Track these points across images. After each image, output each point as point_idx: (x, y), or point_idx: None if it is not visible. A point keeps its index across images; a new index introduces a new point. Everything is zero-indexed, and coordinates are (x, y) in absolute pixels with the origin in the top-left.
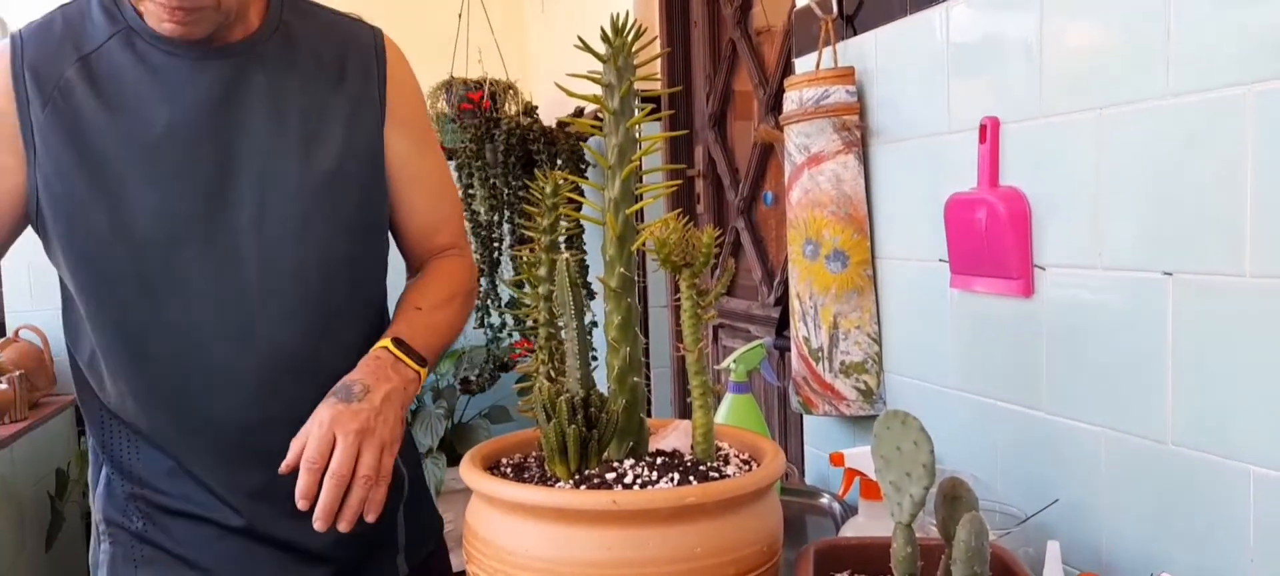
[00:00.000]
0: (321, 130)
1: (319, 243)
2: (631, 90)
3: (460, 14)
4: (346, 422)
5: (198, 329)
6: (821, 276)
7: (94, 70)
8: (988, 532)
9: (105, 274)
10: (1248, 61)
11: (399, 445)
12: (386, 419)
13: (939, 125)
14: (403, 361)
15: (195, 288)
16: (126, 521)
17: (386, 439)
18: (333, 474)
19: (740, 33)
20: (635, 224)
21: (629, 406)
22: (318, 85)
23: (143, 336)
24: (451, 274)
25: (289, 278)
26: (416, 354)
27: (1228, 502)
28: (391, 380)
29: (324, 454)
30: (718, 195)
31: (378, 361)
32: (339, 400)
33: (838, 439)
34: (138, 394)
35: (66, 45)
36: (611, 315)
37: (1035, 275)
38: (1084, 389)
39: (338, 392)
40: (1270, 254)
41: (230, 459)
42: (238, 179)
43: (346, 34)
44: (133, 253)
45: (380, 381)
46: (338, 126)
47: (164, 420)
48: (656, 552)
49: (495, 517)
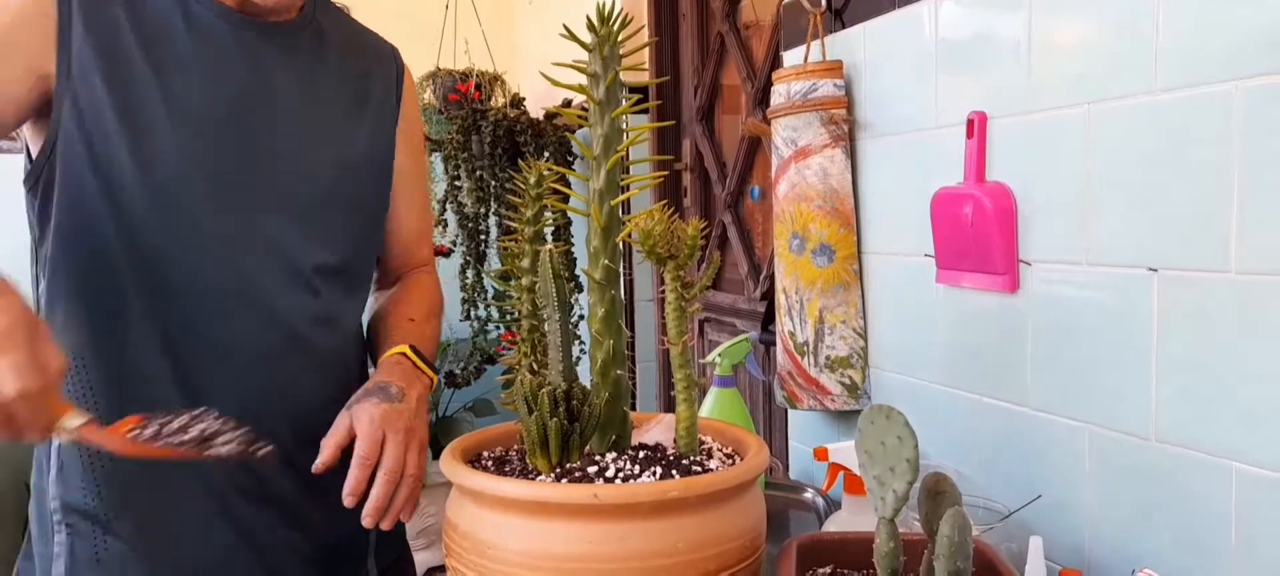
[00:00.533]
0: (347, 124)
1: (332, 231)
2: (617, 81)
3: (447, 4)
4: (395, 421)
5: (204, 287)
6: (808, 271)
7: (141, 16)
8: (971, 528)
9: (120, 206)
10: (1236, 58)
11: (427, 444)
12: (423, 419)
13: (927, 120)
14: (421, 367)
15: (206, 246)
16: (86, 502)
17: (424, 438)
18: (386, 471)
19: (728, 26)
20: (620, 216)
21: (612, 399)
22: (346, 84)
23: (150, 278)
24: (431, 290)
25: (300, 259)
26: (429, 361)
27: (1210, 499)
28: (418, 382)
29: (376, 451)
30: (705, 189)
31: (402, 365)
32: (382, 399)
33: (822, 433)
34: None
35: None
36: (595, 307)
37: (1021, 271)
38: (1068, 385)
39: (376, 393)
40: (1255, 251)
41: None
42: (264, 155)
43: (372, 44)
44: (151, 195)
45: (412, 383)
46: (363, 127)
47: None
48: (639, 547)
49: (476, 511)
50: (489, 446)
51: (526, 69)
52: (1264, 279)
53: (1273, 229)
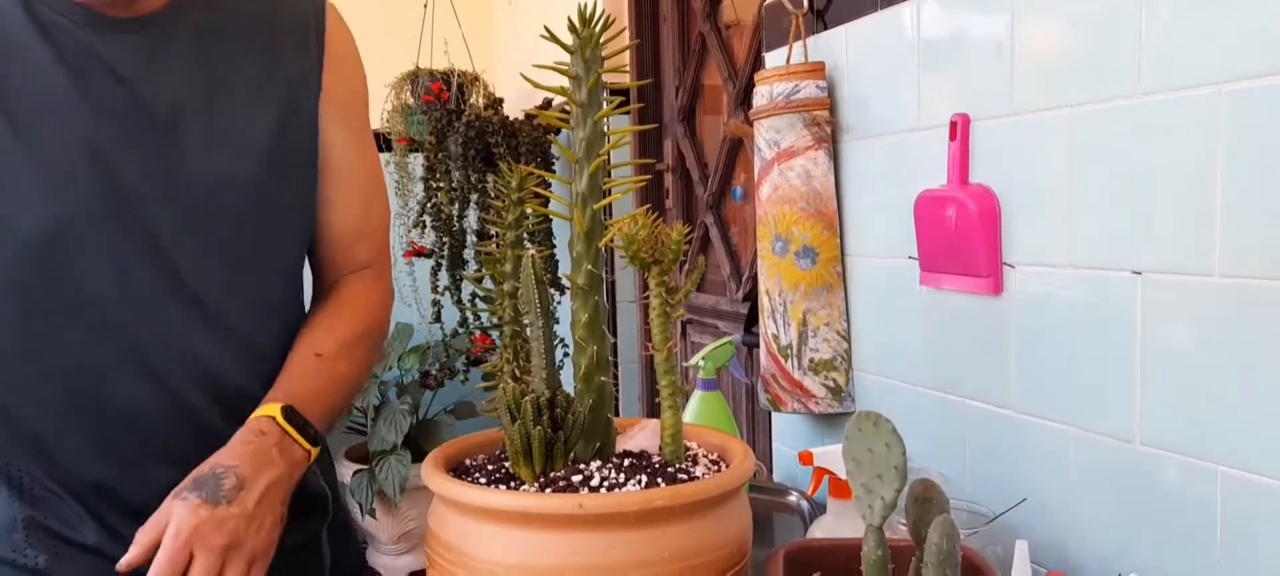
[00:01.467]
0: (249, 110)
1: (238, 253)
2: (599, 83)
3: (426, 4)
4: (210, 537)
5: (98, 309)
6: (791, 273)
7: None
8: (959, 535)
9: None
10: (1219, 62)
11: (273, 552)
12: (260, 524)
13: (909, 121)
14: (291, 437)
15: (85, 304)
16: (16, 556)
17: (258, 550)
18: None
19: (710, 26)
20: (603, 219)
21: (596, 406)
22: (245, 60)
23: (32, 311)
24: (366, 305)
25: (203, 278)
26: (310, 428)
27: (1196, 502)
28: (274, 467)
29: (177, 567)
30: (686, 190)
31: (262, 440)
32: (203, 500)
33: (807, 436)
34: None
35: None
36: (578, 313)
37: (1005, 273)
38: (1053, 387)
39: (204, 486)
40: (1239, 254)
41: (125, 440)
42: (135, 185)
43: (284, 4)
44: (15, 252)
45: (260, 471)
46: (270, 106)
47: (54, 392)
48: (624, 556)
49: (458, 521)
50: (471, 453)
51: (506, 69)
52: (1247, 282)
53: (1256, 232)
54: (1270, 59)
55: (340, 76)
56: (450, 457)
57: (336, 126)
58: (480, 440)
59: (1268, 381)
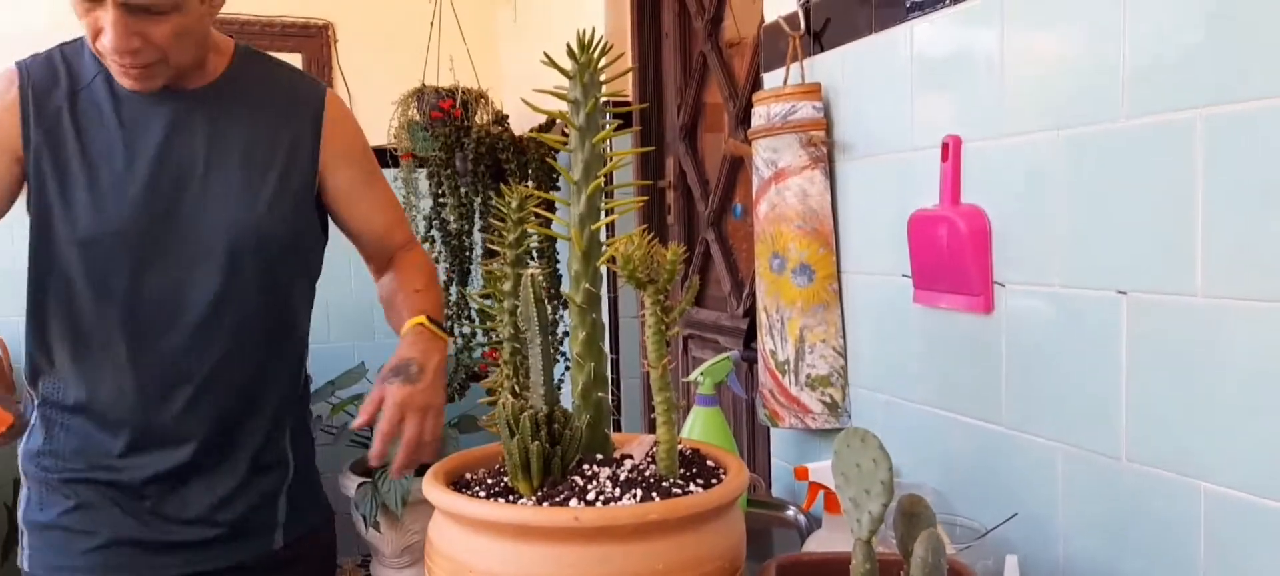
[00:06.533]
0: (260, 171)
1: (240, 276)
2: (598, 106)
3: (432, 22)
4: (413, 402)
5: (123, 298)
6: (788, 290)
7: (77, 104)
8: (945, 549)
9: (52, 271)
10: (1195, 87)
11: (445, 407)
12: (438, 389)
13: (903, 142)
14: (435, 332)
15: (127, 291)
16: (45, 476)
17: (440, 405)
18: (405, 443)
19: (711, 45)
20: (602, 239)
21: (593, 422)
22: (258, 132)
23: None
24: (422, 263)
25: (207, 309)
26: (443, 325)
27: (1180, 518)
28: (437, 353)
29: (395, 429)
30: (688, 206)
31: (420, 335)
32: (403, 382)
33: (804, 451)
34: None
35: (62, 79)
36: (576, 331)
37: (995, 292)
38: (1042, 404)
39: (400, 374)
40: (1219, 275)
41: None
42: (163, 216)
43: (290, 91)
44: (77, 252)
45: (429, 354)
46: (271, 173)
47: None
48: (619, 569)
49: (457, 533)
50: (472, 467)
51: (511, 86)
52: (1229, 303)
53: (1236, 254)
54: (1245, 86)
55: (338, 133)
56: (451, 471)
57: (343, 167)
58: (481, 454)
59: (1248, 400)
